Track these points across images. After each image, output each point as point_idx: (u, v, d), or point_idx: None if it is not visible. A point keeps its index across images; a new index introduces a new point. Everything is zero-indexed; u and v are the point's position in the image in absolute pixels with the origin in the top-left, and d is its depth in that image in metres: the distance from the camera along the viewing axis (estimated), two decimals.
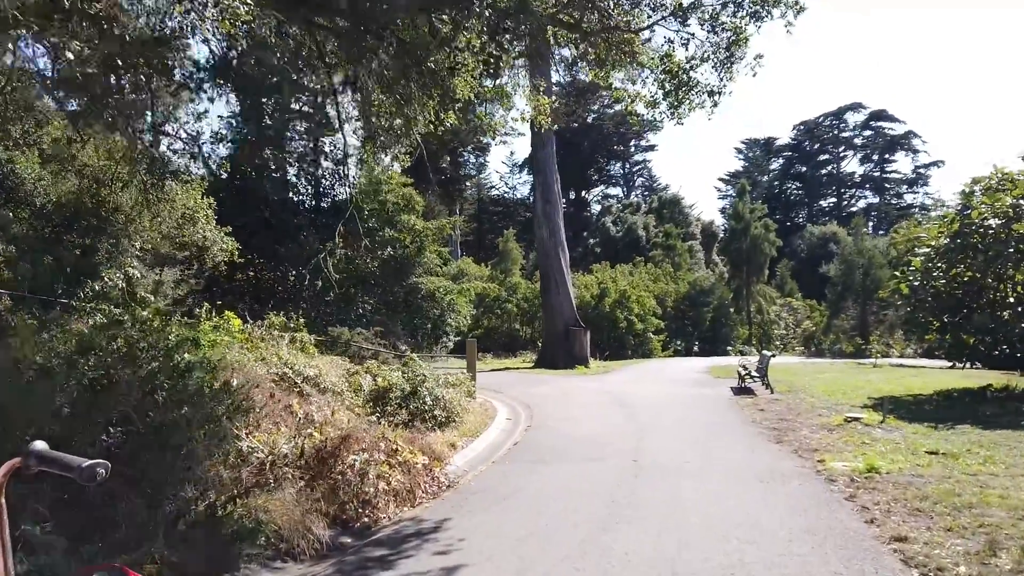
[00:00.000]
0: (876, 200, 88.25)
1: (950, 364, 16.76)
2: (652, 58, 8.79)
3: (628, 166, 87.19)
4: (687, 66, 8.68)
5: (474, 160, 72.24)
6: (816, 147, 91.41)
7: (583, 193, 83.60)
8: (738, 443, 10.48)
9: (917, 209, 74.08)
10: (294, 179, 26.60)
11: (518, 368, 27.76)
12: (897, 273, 16.52)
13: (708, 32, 8.28)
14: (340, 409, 10.02)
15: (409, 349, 25.61)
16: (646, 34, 9.20)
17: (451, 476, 8.11)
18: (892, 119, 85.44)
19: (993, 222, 13.53)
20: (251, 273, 22.80)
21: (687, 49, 8.43)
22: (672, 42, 8.52)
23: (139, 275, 10.75)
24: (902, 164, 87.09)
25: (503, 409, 15.03)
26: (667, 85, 8.86)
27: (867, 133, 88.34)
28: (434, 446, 8.69)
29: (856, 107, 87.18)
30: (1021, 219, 12.99)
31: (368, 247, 24.77)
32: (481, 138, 54.31)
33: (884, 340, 45.78)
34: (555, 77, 38.91)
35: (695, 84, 8.71)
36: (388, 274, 29.11)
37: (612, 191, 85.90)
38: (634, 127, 37.29)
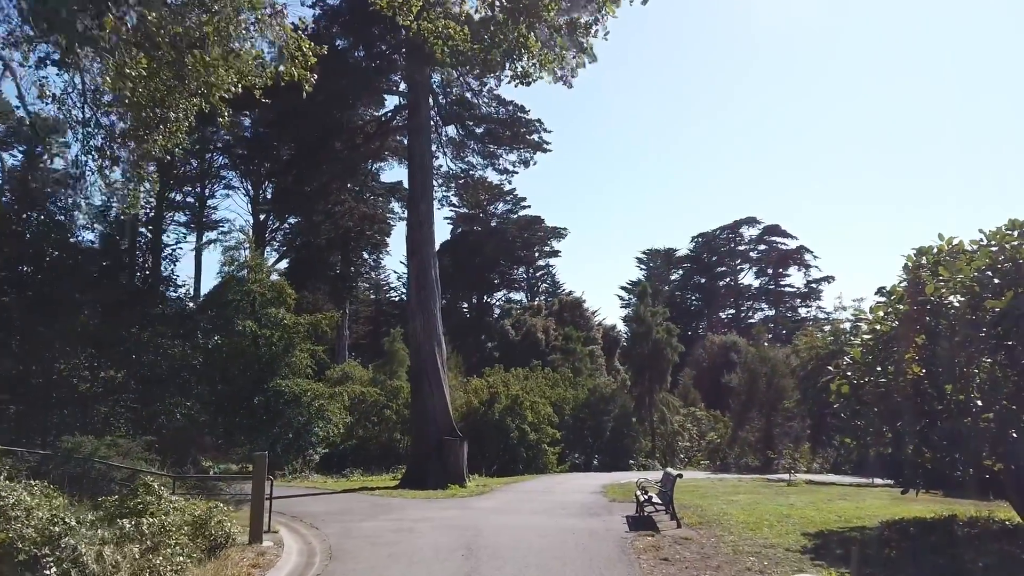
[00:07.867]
0: (772, 312, 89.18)
1: (902, 490, 13.08)
2: None
3: (532, 271, 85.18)
4: None
5: (368, 257, 67.73)
6: (714, 259, 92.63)
7: (485, 298, 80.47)
8: None
9: (811, 322, 74.59)
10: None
11: (377, 488, 22.45)
12: (831, 367, 13.08)
13: None
14: None
15: (213, 467, 20.09)
16: None
17: None
18: (785, 234, 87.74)
19: (954, 299, 10.31)
20: None
21: None
22: None
23: None
24: (795, 278, 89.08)
25: (293, 560, 10.09)
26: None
27: (761, 247, 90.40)
28: None
29: (751, 221, 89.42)
30: (995, 294, 9.77)
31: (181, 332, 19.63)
32: None
33: (790, 453, 43.13)
34: (442, 161, 36.05)
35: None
36: (223, 369, 23.82)
37: (516, 296, 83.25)
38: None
